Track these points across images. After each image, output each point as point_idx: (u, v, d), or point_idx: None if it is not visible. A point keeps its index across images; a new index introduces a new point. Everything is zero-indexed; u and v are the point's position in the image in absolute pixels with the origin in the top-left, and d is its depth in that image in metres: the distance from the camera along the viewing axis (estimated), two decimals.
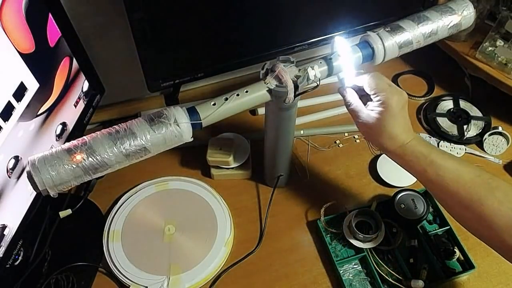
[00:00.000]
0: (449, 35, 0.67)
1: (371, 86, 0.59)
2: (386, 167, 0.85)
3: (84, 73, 0.73)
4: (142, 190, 0.81)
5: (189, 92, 0.99)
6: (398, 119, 0.58)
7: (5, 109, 0.53)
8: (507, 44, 0.86)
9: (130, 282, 0.70)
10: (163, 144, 0.53)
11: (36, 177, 0.47)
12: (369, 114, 0.59)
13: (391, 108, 0.57)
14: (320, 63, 0.60)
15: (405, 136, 0.58)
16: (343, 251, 0.74)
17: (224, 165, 0.82)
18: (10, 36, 0.53)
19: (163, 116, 0.52)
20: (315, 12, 0.81)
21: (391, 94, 0.57)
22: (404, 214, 0.74)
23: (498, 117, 0.93)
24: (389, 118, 0.57)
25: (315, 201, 0.80)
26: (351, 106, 0.61)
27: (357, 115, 0.61)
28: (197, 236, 0.75)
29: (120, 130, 0.51)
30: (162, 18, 0.69)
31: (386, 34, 0.62)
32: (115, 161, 0.50)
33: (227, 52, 0.81)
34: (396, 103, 0.57)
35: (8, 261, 0.61)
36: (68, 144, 0.50)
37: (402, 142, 0.58)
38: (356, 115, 0.61)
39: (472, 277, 0.71)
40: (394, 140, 0.58)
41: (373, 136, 0.60)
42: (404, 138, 0.58)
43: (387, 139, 0.58)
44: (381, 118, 0.58)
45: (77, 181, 0.50)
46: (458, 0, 0.67)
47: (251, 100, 0.57)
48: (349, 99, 0.62)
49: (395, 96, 0.57)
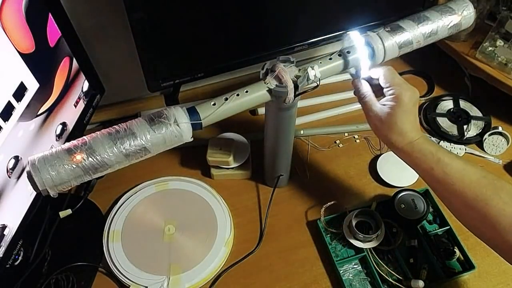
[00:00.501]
0: (449, 35, 0.67)
1: (387, 78, 0.60)
2: (386, 167, 0.85)
3: (84, 73, 0.73)
4: (142, 190, 0.81)
5: (189, 92, 0.99)
6: (409, 116, 0.58)
7: (5, 109, 0.53)
8: (507, 44, 0.86)
9: (130, 282, 0.70)
10: (163, 144, 0.53)
11: (36, 177, 0.47)
12: (381, 108, 0.60)
13: (404, 104, 0.58)
14: (320, 63, 0.60)
15: (414, 133, 0.59)
16: (343, 251, 0.74)
17: (224, 165, 0.82)
18: (10, 36, 0.53)
19: (163, 116, 0.52)
20: (315, 12, 0.81)
21: (405, 90, 0.58)
22: (404, 214, 0.74)
23: (498, 117, 0.93)
24: (401, 113, 0.58)
25: (315, 201, 0.80)
26: (365, 98, 0.62)
27: (369, 108, 0.61)
28: (197, 236, 0.75)
29: (120, 130, 0.51)
30: (162, 18, 0.69)
31: (386, 34, 0.62)
32: (115, 161, 0.50)
33: (227, 52, 0.81)
34: (409, 99, 0.58)
35: (8, 261, 0.61)
36: (68, 144, 0.50)
37: (411, 139, 0.59)
38: (368, 108, 0.61)
39: (472, 277, 0.71)
40: (404, 137, 0.59)
41: (383, 131, 0.61)
42: (413, 136, 0.59)
43: (397, 134, 0.59)
44: (392, 112, 0.58)
45: (77, 181, 0.50)
46: (458, 0, 0.67)
47: (251, 100, 0.57)
48: (364, 91, 0.62)
49: (408, 92, 0.58)
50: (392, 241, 0.73)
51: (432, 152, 0.57)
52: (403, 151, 0.59)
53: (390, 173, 0.84)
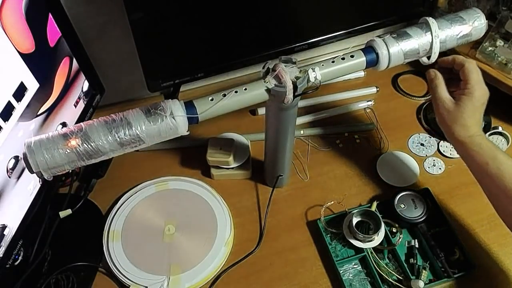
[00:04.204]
0: (458, 45, 0.66)
1: (468, 73, 0.63)
2: (386, 167, 0.85)
3: (84, 73, 0.73)
4: (142, 190, 0.81)
5: (189, 92, 0.99)
6: (475, 112, 0.63)
7: (5, 109, 0.53)
8: (507, 44, 0.86)
9: (130, 282, 0.70)
10: (158, 135, 0.53)
11: (31, 159, 0.49)
12: (451, 99, 0.64)
13: (475, 100, 0.62)
14: (322, 65, 0.60)
15: (476, 128, 0.62)
16: (343, 251, 0.74)
17: (224, 165, 0.82)
18: (10, 36, 0.53)
19: (160, 108, 0.53)
20: (315, 12, 0.81)
21: (479, 88, 0.63)
22: (404, 214, 0.74)
23: (498, 117, 0.93)
24: (470, 107, 0.62)
25: (315, 201, 0.80)
26: (437, 87, 0.65)
27: (440, 96, 0.65)
28: (197, 236, 0.75)
29: (116, 119, 0.52)
30: (162, 18, 0.69)
31: (391, 40, 0.61)
32: (109, 149, 0.51)
33: (227, 52, 0.81)
34: (480, 97, 0.62)
35: (8, 261, 0.61)
36: (65, 129, 0.51)
37: (473, 133, 0.62)
38: (438, 96, 0.65)
39: (472, 277, 0.71)
40: (466, 130, 0.62)
41: (448, 121, 0.64)
42: (476, 130, 0.62)
43: (460, 126, 0.63)
44: (462, 105, 0.62)
45: (71, 165, 0.51)
46: (469, 10, 0.66)
47: (249, 98, 0.57)
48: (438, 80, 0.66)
49: (482, 91, 0.63)
50: (392, 241, 0.73)
51: (491, 148, 0.61)
52: (462, 143, 0.63)
53: (390, 173, 0.84)
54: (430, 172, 0.85)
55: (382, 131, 0.92)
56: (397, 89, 1.01)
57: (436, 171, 0.85)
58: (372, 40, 0.62)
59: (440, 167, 0.85)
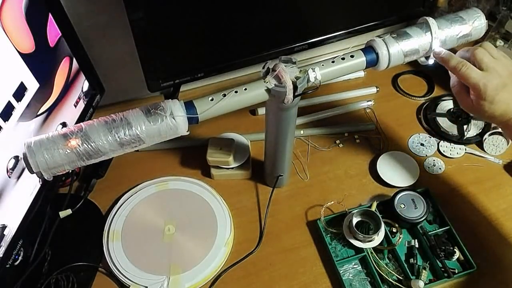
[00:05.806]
0: (458, 45, 0.66)
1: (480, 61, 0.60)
2: (386, 167, 0.85)
3: (84, 73, 0.73)
4: (142, 190, 0.81)
5: (189, 92, 0.99)
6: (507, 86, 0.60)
7: (5, 109, 0.53)
8: (507, 44, 0.86)
9: (130, 282, 0.70)
10: (158, 135, 0.53)
11: (31, 159, 0.49)
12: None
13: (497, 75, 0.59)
14: (322, 66, 0.60)
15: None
16: (343, 251, 0.74)
17: (224, 165, 0.82)
18: (10, 36, 0.53)
19: (160, 108, 0.53)
20: (316, 12, 0.81)
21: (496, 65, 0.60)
22: (404, 214, 0.74)
23: None
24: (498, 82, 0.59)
25: (315, 201, 0.80)
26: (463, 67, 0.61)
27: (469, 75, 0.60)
28: (197, 236, 0.75)
29: (116, 119, 0.52)
30: (162, 18, 0.69)
31: (391, 40, 0.61)
32: (109, 149, 0.51)
33: (227, 52, 0.81)
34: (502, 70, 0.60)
35: (8, 261, 0.61)
36: (65, 129, 0.51)
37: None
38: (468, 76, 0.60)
39: (472, 277, 0.71)
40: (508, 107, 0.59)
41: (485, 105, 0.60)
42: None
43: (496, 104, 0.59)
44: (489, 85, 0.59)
45: (71, 166, 0.51)
46: (469, 10, 0.66)
47: (249, 98, 0.57)
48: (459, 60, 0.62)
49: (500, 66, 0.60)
50: (392, 241, 0.73)
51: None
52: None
53: (390, 173, 0.84)
54: (430, 172, 0.85)
55: (382, 131, 0.92)
56: (397, 89, 1.01)
57: (436, 171, 0.85)
58: (372, 40, 0.62)
59: (440, 167, 0.85)
